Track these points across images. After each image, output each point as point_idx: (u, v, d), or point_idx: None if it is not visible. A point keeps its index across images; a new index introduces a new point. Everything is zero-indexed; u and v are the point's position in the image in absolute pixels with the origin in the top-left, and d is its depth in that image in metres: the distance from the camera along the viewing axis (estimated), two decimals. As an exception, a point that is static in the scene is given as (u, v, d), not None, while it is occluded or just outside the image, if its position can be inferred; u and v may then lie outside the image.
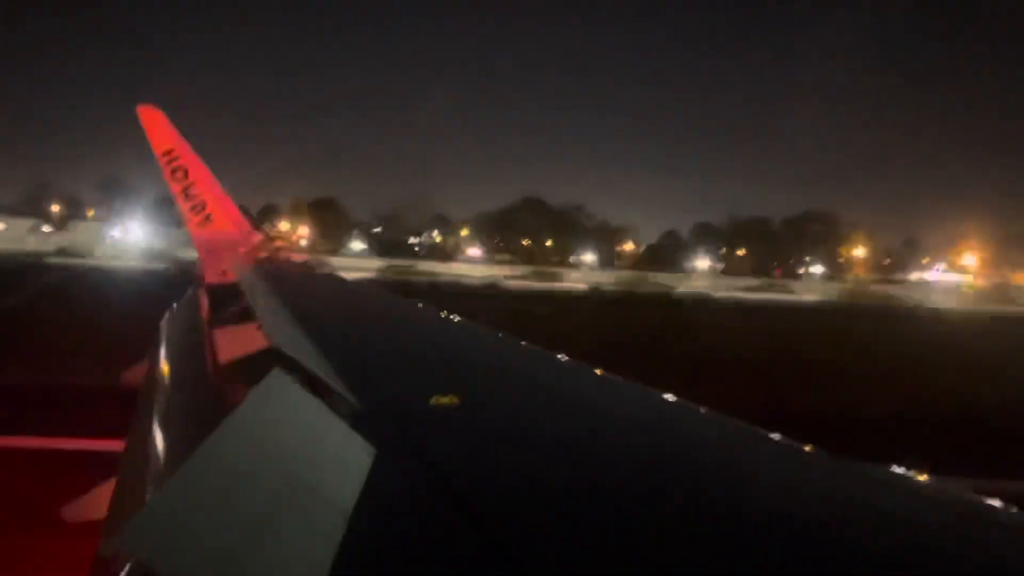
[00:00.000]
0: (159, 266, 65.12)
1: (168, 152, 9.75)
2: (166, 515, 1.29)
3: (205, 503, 1.35)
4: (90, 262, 72.74)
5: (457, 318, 5.59)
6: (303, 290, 7.70)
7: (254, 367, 2.50)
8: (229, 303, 5.17)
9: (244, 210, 13.39)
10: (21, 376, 15.77)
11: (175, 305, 6.88)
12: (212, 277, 8.25)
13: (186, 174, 9.85)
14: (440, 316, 5.95)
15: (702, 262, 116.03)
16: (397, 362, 3.70)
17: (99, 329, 20.22)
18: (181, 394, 3.69)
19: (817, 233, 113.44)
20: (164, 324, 6.05)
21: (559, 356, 3.88)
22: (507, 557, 1.43)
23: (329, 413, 2.06)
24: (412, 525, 1.62)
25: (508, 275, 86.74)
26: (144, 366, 5.17)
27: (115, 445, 3.74)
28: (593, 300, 61.28)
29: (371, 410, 2.35)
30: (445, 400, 2.54)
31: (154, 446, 2.89)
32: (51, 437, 10.49)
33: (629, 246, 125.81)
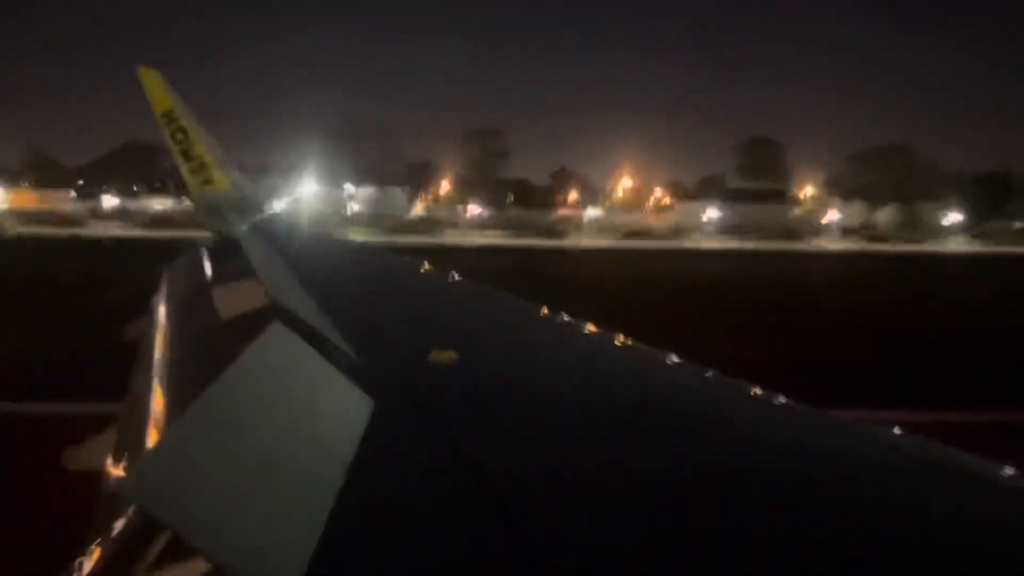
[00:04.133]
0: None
1: (167, 113, 9.71)
2: (166, 463, 1.30)
3: (205, 452, 1.36)
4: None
5: (457, 276, 5.59)
6: (304, 249, 7.70)
7: (254, 321, 2.51)
8: (231, 260, 5.18)
9: (243, 170, 13.31)
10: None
11: (176, 261, 6.88)
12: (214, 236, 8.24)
13: (186, 135, 9.83)
14: (440, 275, 5.96)
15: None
16: (397, 318, 3.72)
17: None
18: (182, 348, 3.72)
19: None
20: (165, 280, 6.05)
21: (556, 314, 3.90)
22: (503, 507, 1.45)
23: (328, 366, 2.08)
24: (410, 476, 1.64)
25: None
26: (146, 320, 5.19)
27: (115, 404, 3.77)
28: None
29: (370, 364, 2.36)
30: (444, 356, 2.56)
31: (155, 397, 2.91)
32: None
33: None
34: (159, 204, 70.91)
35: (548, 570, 1.23)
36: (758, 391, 2.50)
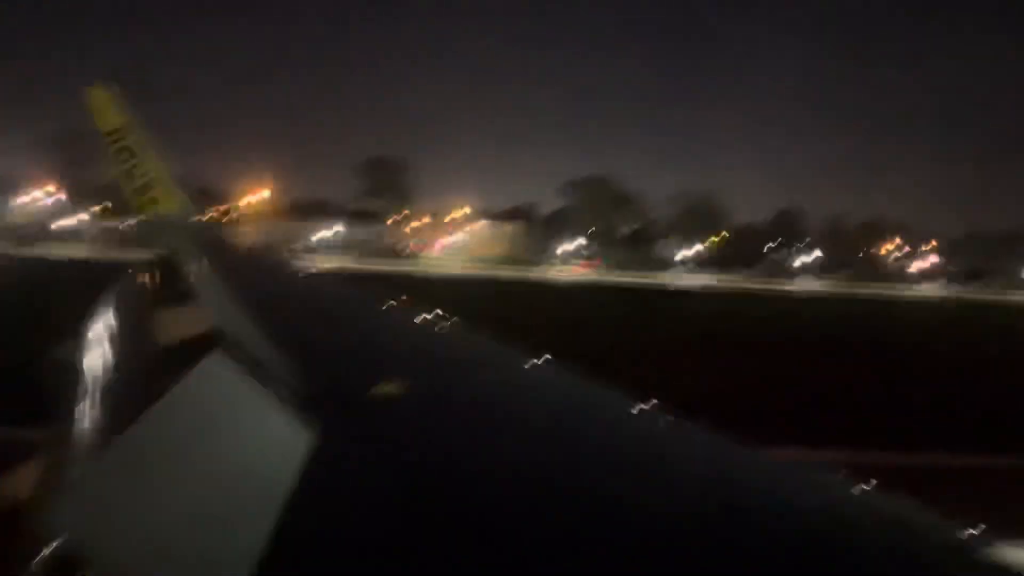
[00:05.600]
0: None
1: (113, 132, 9.54)
2: (94, 496, 1.26)
3: (135, 485, 1.32)
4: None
5: (407, 308, 5.55)
6: (250, 275, 7.58)
7: (195, 348, 2.45)
8: (172, 284, 5.06)
9: (194, 192, 13.12)
10: None
11: (113, 285, 6.69)
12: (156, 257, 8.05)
13: (131, 154, 9.66)
14: (387, 306, 5.90)
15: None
16: (341, 349, 3.66)
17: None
18: (117, 372, 3.60)
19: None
20: (101, 301, 5.88)
21: (507, 346, 3.89)
22: (447, 544, 1.43)
23: (269, 397, 2.04)
24: (348, 509, 1.61)
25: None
26: (77, 343, 5.02)
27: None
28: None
29: (311, 395, 2.32)
30: (388, 389, 2.53)
31: (85, 425, 2.81)
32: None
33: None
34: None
35: None
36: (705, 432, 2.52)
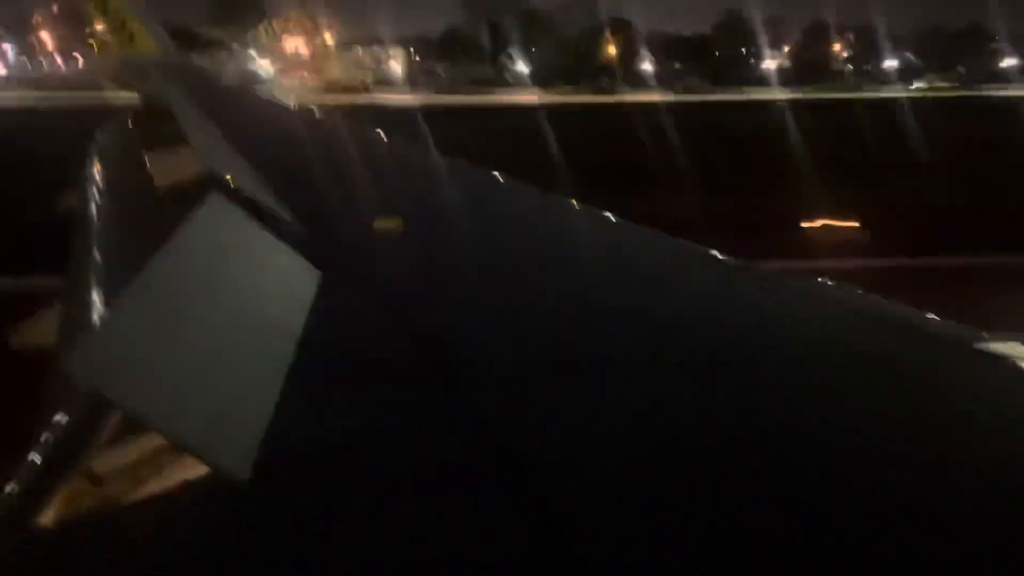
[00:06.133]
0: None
1: None
2: (112, 341, 1.28)
3: (151, 329, 1.34)
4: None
5: (403, 142, 5.44)
6: (238, 112, 7.37)
7: (191, 190, 2.42)
8: (162, 126, 4.93)
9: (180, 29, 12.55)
10: None
11: (103, 129, 6.53)
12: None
13: None
14: (383, 139, 5.78)
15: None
16: (340, 185, 3.62)
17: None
18: (119, 220, 3.59)
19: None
20: (92, 149, 5.76)
21: (502, 178, 3.84)
22: (450, 373, 1.48)
23: (270, 236, 2.03)
24: (360, 345, 1.65)
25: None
26: (78, 191, 4.97)
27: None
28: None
29: (314, 232, 2.32)
30: (388, 224, 2.52)
31: (96, 272, 2.83)
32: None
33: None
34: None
35: (498, 438, 1.26)
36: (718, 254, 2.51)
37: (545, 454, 1.22)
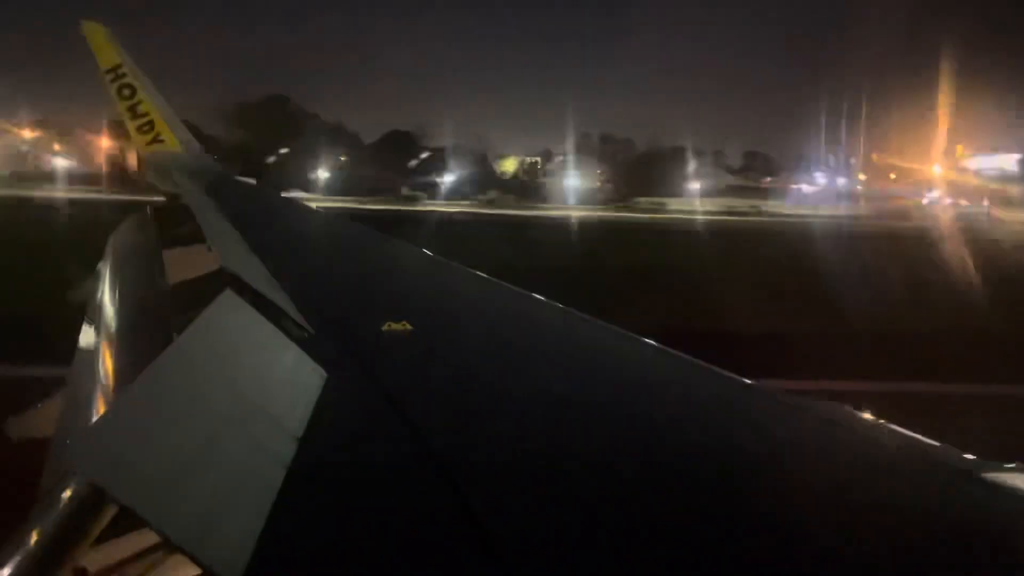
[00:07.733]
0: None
1: (113, 69, 9.44)
2: (114, 433, 1.28)
3: (153, 422, 1.35)
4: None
5: (412, 246, 5.56)
6: (257, 213, 7.56)
7: (204, 288, 2.47)
8: (180, 224, 5.06)
9: (193, 129, 13.02)
10: None
11: (122, 225, 6.70)
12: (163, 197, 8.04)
13: (134, 92, 9.57)
14: (395, 244, 5.91)
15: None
16: (351, 288, 3.68)
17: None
18: (130, 313, 3.64)
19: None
20: (111, 243, 5.90)
21: (509, 285, 3.91)
22: (455, 477, 1.46)
23: (280, 335, 2.06)
24: (362, 448, 1.64)
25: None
26: (91, 284, 5.06)
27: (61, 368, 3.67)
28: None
29: (323, 334, 2.35)
30: (397, 327, 2.55)
31: (103, 364, 2.85)
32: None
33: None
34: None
35: (498, 546, 1.25)
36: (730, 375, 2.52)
37: None
